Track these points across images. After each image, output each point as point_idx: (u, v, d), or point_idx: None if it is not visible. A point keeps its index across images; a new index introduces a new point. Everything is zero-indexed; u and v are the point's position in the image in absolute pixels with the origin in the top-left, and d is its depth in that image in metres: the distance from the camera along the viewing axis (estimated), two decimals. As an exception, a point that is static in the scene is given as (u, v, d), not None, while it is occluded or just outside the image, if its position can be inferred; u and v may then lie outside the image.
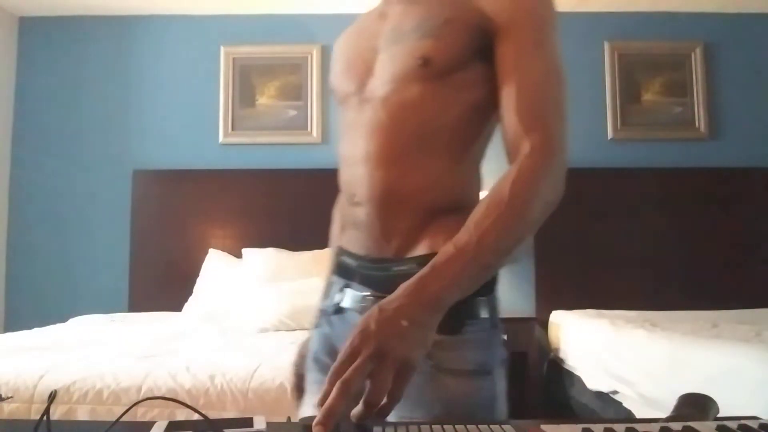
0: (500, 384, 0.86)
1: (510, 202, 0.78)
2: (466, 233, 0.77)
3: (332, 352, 0.95)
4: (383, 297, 0.74)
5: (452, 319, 0.77)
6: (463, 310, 0.80)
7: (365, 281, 0.91)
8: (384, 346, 0.66)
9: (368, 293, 0.89)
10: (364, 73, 0.92)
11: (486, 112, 0.89)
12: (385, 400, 0.65)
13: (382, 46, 0.91)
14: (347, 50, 0.99)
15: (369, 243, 0.91)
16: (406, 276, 0.76)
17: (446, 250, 0.76)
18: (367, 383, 0.65)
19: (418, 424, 0.65)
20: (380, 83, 0.89)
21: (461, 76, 0.87)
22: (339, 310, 0.95)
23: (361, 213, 0.90)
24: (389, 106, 0.88)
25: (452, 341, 0.82)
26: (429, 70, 0.86)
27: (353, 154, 0.91)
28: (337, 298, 0.96)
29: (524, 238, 0.80)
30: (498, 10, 0.84)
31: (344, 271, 0.96)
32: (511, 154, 0.83)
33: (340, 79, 0.97)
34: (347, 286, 0.94)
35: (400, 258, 0.88)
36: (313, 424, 0.61)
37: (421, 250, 0.87)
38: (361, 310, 0.88)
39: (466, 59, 0.86)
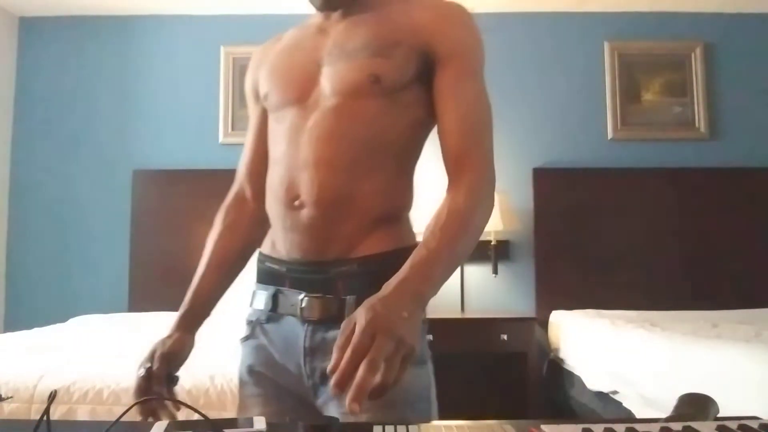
0: (431, 376, 0.97)
1: (467, 213, 0.88)
2: (434, 239, 0.84)
3: (269, 362, 0.99)
4: (319, 298, 0.89)
5: None
6: None
7: (297, 284, 0.96)
8: (398, 332, 0.69)
9: (302, 295, 0.94)
10: (307, 83, 0.97)
11: (424, 130, 1.01)
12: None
13: (327, 60, 0.97)
14: (284, 61, 1.03)
15: (309, 246, 0.94)
16: (346, 276, 0.89)
17: (421, 253, 0.83)
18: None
19: (418, 423, 0.66)
20: (328, 94, 0.95)
21: (405, 95, 0.96)
22: (272, 317, 0.99)
23: (304, 216, 0.94)
24: (341, 117, 0.94)
25: None
26: (378, 87, 0.94)
27: (298, 158, 0.94)
28: (266, 305, 0.99)
29: (476, 242, 0.90)
30: (441, 40, 0.95)
31: (270, 278, 1.00)
32: (453, 168, 0.93)
33: (277, 87, 1.01)
34: (278, 292, 0.98)
35: (342, 260, 0.93)
36: (349, 401, 0.64)
37: (361, 252, 0.94)
38: (300, 313, 0.94)
39: (410, 80, 0.96)
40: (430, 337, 1.01)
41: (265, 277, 1.02)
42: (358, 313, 0.71)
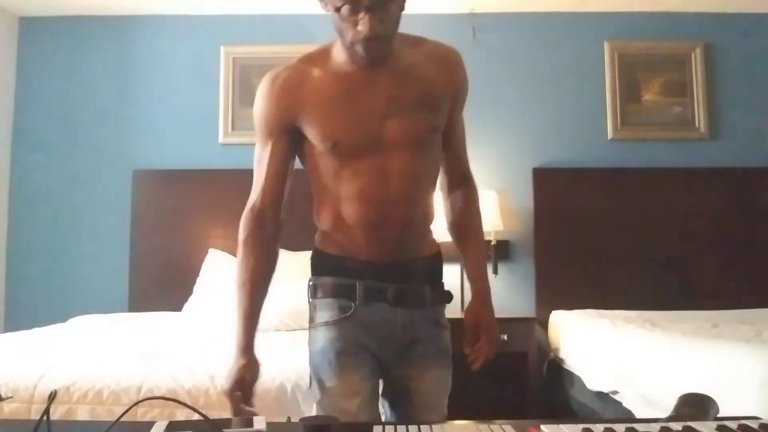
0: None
1: (480, 218, 1.41)
2: (479, 247, 1.41)
3: (362, 336, 1.24)
4: (405, 287, 1.25)
5: (446, 294, 1.34)
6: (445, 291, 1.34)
7: (379, 277, 1.24)
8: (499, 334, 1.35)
9: (391, 286, 1.24)
10: (377, 133, 1.19)
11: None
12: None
13: (390, 112, 1.19)
14: (346, 112, 1.19)
15: (387, 252, 1.23)
16: (416, 271, 1.27)
17: (482, 265, 1.40)
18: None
19: (418, 424, 0.66)
20: (399, 142, 1.19)
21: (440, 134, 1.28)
22: (364, 302, 1.24)
23: (385, 234, 1.22)
24: (412, 160, 1.21)
25: (443, 308, 1.34)
26: (435, 135, 1.26)
27: (380, 194, 1.20)
28: (360, 292, 1.24)
29: None
30: (462, 93, 1.31)
31: (351, 273, 1.25)
32: (460, 180, 1.38)
33: (350, 137, 1.19)
34: (365, 283, 1.24)
35: (411, 259, 1.27)
36: (475, 365, 1.30)
37: (421, 253, 1.29)
38: (391, 298, 1.24)
39: None
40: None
41: (340, 271, 1.26)
42: (488, 321, 1.33)
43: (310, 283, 1.31)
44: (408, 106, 1.19)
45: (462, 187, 1.37)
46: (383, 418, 1.33)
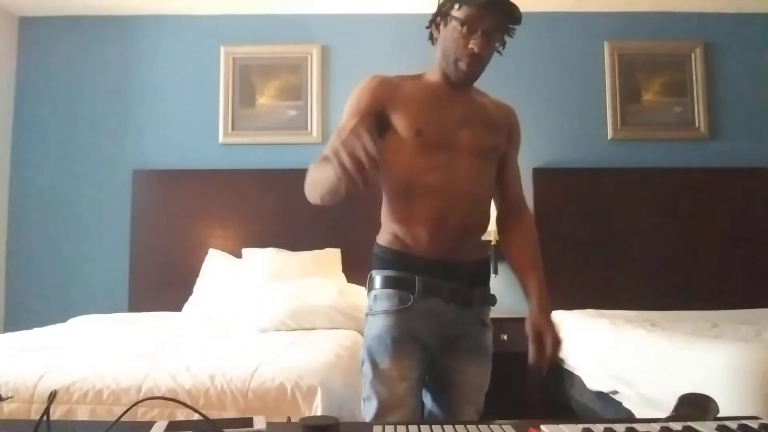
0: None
1: (537, 242, 1.51)
2: (537, 261, 1.49)
3: (417, 327, 1.34)
4: (460, 287, 1.37)
5: (491, 297, 1.48)
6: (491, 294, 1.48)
7: (438, 274, 1.36)
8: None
9: (447, 284, 1.36)
10: (454, 135, 1.37)
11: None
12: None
13: (465, 123, 1.38)
14: (433, 112, 1.37)
15: (449, 250, 1.35)
16: (471, 272, 1.41)
17: (541, 277, 1.46)
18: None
19: (418, 424, 0.66)
20: (470, 149, 1.37)
21: (496, 158, 1.46)
22: (422, 296, 1.34)
23: (450, 231, 1.34)
24: (480, 165, 1.39)
25: (489, 309, 1.48)
26: (496, 151, 1.44)
27: (452, 190, 1.34)
28: (419, 287, 1.35)
29: None
30: (515, 138, 1.52)
31: (411, 268, 1.36)
32: (517, 205, 1.54)
33: (432, 129, 1.35)
34: (424, 279, 1.35)
35: (468, 261, 1.40)
36: (543, 365, 1.39)
37: (476, 256, 1.43)
38: (447, 295, 1.36)
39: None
40: None
41: (401, 266, 1.37)
42: (546, 323, 1.40)
43: (372, 275, 1.43)
44: (478, 122, 1.40)
45: (518, 214, 1.52)
46: (425, 409, 1.45)
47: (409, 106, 1.36)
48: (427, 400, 1.45)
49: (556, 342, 1.39)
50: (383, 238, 1.42)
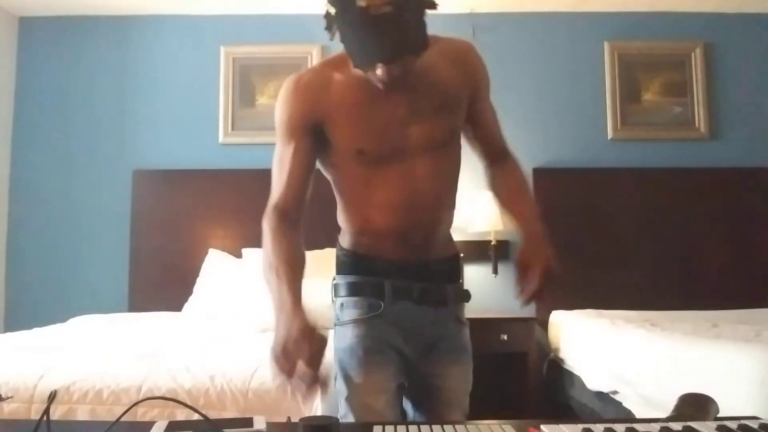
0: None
1: (525, 180, 1.40)
2: (525, 194, 1.38)
3: (389, 333, 1.25)
4: (429, 286, 1.27)
5: (465, 293, 1.36)
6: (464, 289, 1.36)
7: (405, 276, 1.26)
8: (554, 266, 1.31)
9: (416, 285, 1.26)
10: (400, 139, 1.21)
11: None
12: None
13: (411, 119, 1.20)
14: (370, 119, 1.20)
15: (413, 251, 1.26)
16: (440, 271, 1.30)
17: (532, 206, 1.35)
18: None
19: (418, 424, 0.66)
20: (422, 147, 1.22)
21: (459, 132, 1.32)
22: (391, 300, 1.25)
23: (413, 235, 1.25)
24: (435, 163, 1.23)
25: (463, 306, 1.36)
26: (455, 136, 1.29)
27: (412, 200, 1.22)
28: (388, 291, 1.25)
29: None
30: (482, 84, 1.32)
31: (377, 271, 1.27)
32: (499, 154, 1.39)
33: (374, 144, 1.20)
34: (391, 282, 1.26)
35: (435, 260, 1.30)
36: (531, 300, 1.28)
37: (444, 254, 1.32)
38: (417, 297, 1.26)
39: None
40: None
41: (367, 270, 1.27)
42: (541, 253, 1.29)
43: (335, 281, 1.32)
44: (428, 111, 1.21)
45: (502, 159, 1.39)
46: (407, 418, 1.35)
47: (344, 115, 1.19)
48: (409, 408, 1.35)
49: (547, 274, 1.25)
50: (345, 240, 1.32)
